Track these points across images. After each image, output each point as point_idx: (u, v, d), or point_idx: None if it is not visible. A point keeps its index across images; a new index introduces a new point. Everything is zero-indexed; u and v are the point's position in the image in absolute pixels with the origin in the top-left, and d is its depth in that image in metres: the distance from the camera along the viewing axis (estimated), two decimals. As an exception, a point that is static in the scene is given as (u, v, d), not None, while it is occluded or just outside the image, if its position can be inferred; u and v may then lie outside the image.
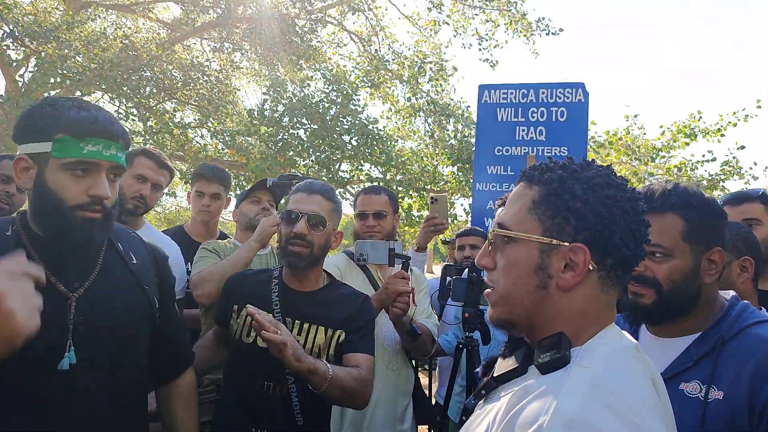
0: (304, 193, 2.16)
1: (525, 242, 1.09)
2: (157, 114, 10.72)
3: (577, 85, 4.32)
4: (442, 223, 3.22)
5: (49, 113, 1.48)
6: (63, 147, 1.46)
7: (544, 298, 1.08)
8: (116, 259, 1.68)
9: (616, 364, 1.01)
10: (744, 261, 1.96)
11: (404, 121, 12.75)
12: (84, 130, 1.47)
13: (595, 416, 0.90)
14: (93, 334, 1.52)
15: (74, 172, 1.47)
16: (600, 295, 1.07)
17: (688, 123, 10.47)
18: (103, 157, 1.49)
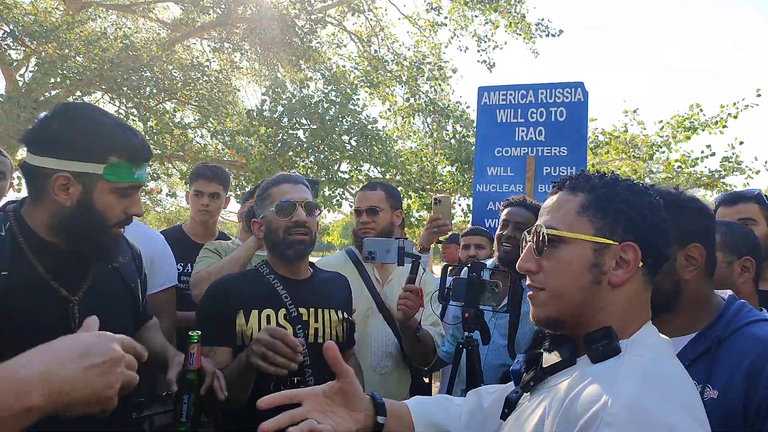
0: (289, 183, 2.17)
1: (578, 242, 1.18)
2: (157, 114, 10.72)
3: (576, 85, 4.31)
4: (445, 224, 3.21)
5: (97, 133, 1.50)
6: (118, 172, 1.52)
7: (596, 293, 1.17)
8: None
9: (663, 355, 1.13)
10: (745, 261, 1.95)
11: (403, 121, 12.74)
12: (137, 155, 1.56)
13: (654, 403, 0.98)
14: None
15: (122, 194, 1.55)
16: (643, 291, 1.19)
17: (688, 116, 10.39)
18: (143, 179, 1.60)
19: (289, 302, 2.07)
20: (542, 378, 1.20)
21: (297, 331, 2.03)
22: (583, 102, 4.27)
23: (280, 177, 2.21)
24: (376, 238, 2.61)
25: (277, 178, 2.21)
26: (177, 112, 11.94)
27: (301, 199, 2.11)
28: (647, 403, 0.98)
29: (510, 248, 3.04)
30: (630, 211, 1.16)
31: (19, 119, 9.22)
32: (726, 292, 1.62)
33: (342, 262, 2.92)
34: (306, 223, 2.10)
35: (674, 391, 1.03)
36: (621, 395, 0.98)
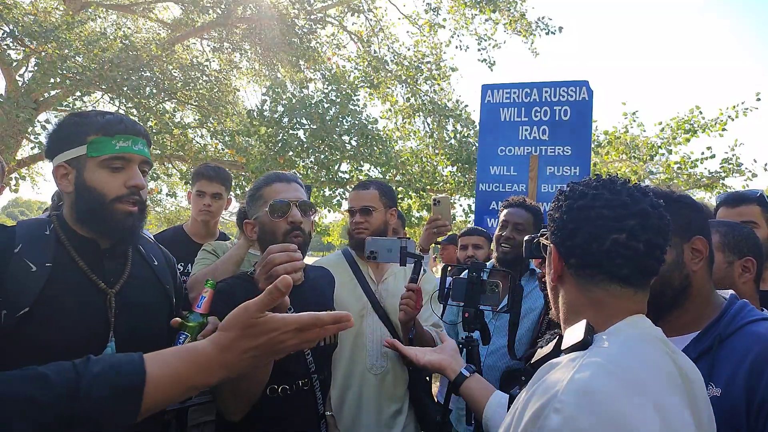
0: (282, 182, 2.06)
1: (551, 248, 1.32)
2: (157, 114, 10.69)
3: (581, 83, 4.30)
4: (445, 225, 3.20)
5: (78, 122, 1.66)
6: (97, 146, 1.63)
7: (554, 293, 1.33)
8: (141, 260, 1.83)
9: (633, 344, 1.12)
10: (746, 261, 1.96)
11: (404, 121, 12.72)
12: (114, 128, 1.65)
13: (607, 389, 0.99)
14: (130, 327, 1.65)
15: (111, 168, 1.64)
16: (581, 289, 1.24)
17: (688, 118, 10.41)
18: (134, 151, 1.67)
19: (291, 310, 2.02)
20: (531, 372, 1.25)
21: None
22: (587, 101, 4.25)
23: (272, 176, 2.10)
24: (378, 238, 2.57)
25: (269, 177, 2.10)
26: (177, 112, 11.92)
27: (295, 198, 2.02)
28: (600, 389, 0.99)
29: (509, 249, 3.02)
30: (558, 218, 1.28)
31: (18, 119, 9.20)
32: (727, 292, 1.63)
33: (337, 262, 2.90)
34: (301, 224, 2.00)
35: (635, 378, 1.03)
36: (573, 382, 1.01)
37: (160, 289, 1.83)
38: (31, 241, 1.59)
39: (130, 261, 1.76)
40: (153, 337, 1.67)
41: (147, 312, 1.74)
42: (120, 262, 1.74)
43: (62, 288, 1.55)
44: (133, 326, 1.66)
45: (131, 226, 1.67)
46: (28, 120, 9.51)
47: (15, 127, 9.29)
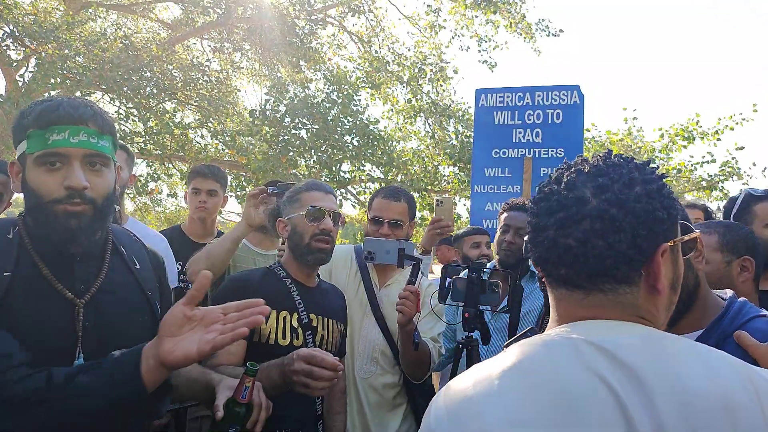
0: (321, 192, 2.25)
1: None
2: (158, 114, 10.72)
3: (572, 88, 4.35)
4: (447, 226, 3.20)
5: (23, 113, 1.45)
6: (33, 142, 1.41)
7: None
8: (120, 264, 1.63)
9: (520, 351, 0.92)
10: (744, 261, 1.97)
11: (405, 121, 12.74)
12: (46, 119, 1.40)
13: (436, 397, 0.95)
14: (100, 339, 1.48)
15: (46, 166, 1.42)
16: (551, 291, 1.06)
17: (686, 126, 10.51)
18: (71, 144, 1.41)
19: (302, 308, 2.13)
20: None
21: (306, 337, 2.09)
22: (579, 105, 4.30)
23: (312, 184, 2.30)
24: (377, 238, 2.60)
25: (309, 184, 2.30)
26: (177, 112, 11.95)
27: (330, 209, 2.21)
28: (436, 398, 0.96)
29: (511, 253, 3.03)
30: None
31: (18, 119, 9.22)
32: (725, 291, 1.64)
33: (345, 257, 2.89)
34: (331, 232, 2.19)
35: (457, 385, 0.93)
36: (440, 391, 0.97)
37: (139, 296, 1.64)
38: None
39: (106, 265, 1.56)
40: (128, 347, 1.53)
41: (122, 323, 1.55)
42: (93, 268, 1.54)
43: (23, 299, 1.40)
44: (105, 339, 1.47)
45: (78, 229, 1.43)
46: (29, 120, 9.53)
47: (15, 127, 9.31)
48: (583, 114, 4.30)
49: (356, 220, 14.52)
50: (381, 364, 2.73)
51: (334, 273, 2.79)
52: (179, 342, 1.24)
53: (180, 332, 1.26)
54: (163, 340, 1.26)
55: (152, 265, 1.75)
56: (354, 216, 14.44)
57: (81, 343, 1.44)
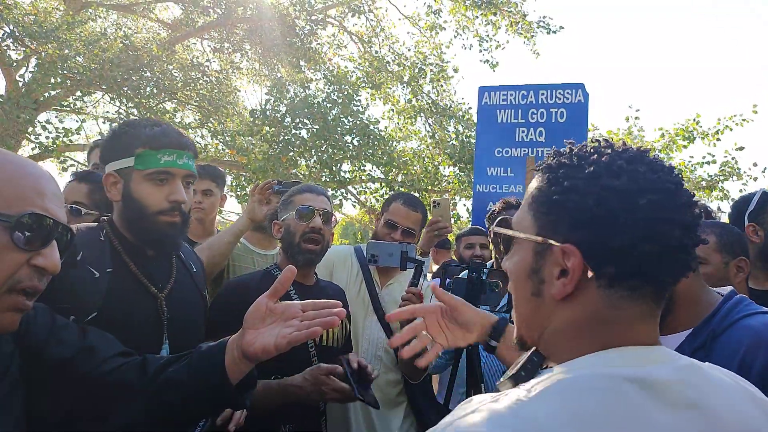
0: (312, 193, 2.34)
1: (522, 242, 0.93)
2: (158, 114, 10.71)
3: (576, 86, 4.32)
4: (445, 227, 3.19)
5: (129, 132, 1.71)
6: (144, 160, 1.68)
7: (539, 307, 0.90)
8: (183, 267, 1.90)
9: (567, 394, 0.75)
10: (740, 261, 2.03)
11: (405, 121, 12.73)
12: (160, 142, 1.68)
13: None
14: (180, 329, 1.74)
15: (155, 182, 1.69)
16: (603, 309, 0.83)
17: (686, 126, 10.53)
18: (177, 165, 1.71)
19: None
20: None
21: None
22: (583, 103, 4.28)
23: (305, 187, 2.39)
24: (379, 241, 2.64)
25: (302, 187, 2.39)
26: (177, 112, 11.94)
27: (320, 208, 2.29)
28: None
29: None
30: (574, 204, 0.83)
31: (19, 119, 9.23)
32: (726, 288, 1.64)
33: (346, 257, 2.91)
34: (321, 230, 2.25)
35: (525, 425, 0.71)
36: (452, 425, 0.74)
37: (197, 294, 1.91)
38: (90, 247, 1.65)
39: (174, 267, 1.84)
40: (197, 339, 1.76)
41: (192, 316, 1.83)
42: (166, 268, 1.81)
43: (121, 292, 1.63)
44: (182, 328, 1.75)
45: (173, 236, 1.73)
46: (29, 120, 9.54)
47: (15, 127, 9.32)
48: (588, 113, 4.28)
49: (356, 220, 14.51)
50: (384, 362, 2.75)
51: (335, 274, 2.81)
52: (259, 335, 1.31)
53: (262, 325, 1.33)
54: (246, 332, 1.32)
55: (200, 266, 2.03)
56: (354, 216, 14.43)
57: (166, 330, 1.69)
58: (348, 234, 18.68)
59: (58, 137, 9.98)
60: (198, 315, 1.88)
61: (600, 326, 0.84)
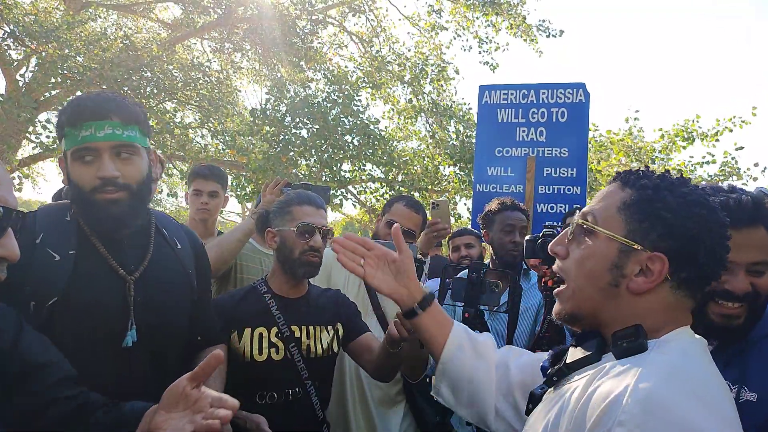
0: (312, 206, 2.24)
1: (606, 239, 1.12)
2: (158, 114, 10.71)
3: (577, 86, 4.31)
4: (444, 228, 3.19)
5: (60, 111, 1.60)
6: (68, 140, 1.56)
7: (614, 296, 1.11)
8: (164, 244, 1.77)
9: (693, 355, 1.05)
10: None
11: (405, 122, 12.74)
12: (77, 118, 1.54)
13: (675, 399, 0.91)
14: (150, 314, 1.63)
15: (82, 161, 1.55)
16: (671, 302, 1.09)
17: (686, 127, 10.55)
18: (97, 138, 1.53)
19: (282, 321, 2.15)
20: (566, 373, 1.16)
21: (290, 349, 2.11)
22: (584, 103, 4.26)
23: (304, 198, 2.27)
24: (381, 242, 2.59)
25: (301, 197, 2.27)
26: (177, 112, 11.94)
27: (321, 225, 2.21)
28: (667, 400, 0.91)
29: (518, 254, 3.01)
30: (671, 220, 1.07)
31: (19, 119, 9.23)
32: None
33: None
34: (320, 248, 2.19)
35: (701, 389, 0.96)
36: (638, 391, 0.92)
37: (181, 273, 1.78)
38: (52, 229, 1.58)
39: (152, 246, 1.72)
40: (175, 322, 1.73)
41: (167, 298, 1.70)
42: (141, 247, 1.69)
43: (86, 276, 1.56)
44: (153, 313, 1.64)
45: (119, 213, 1.57)
46: (29, 120, 9.54)
47: (16, 126, 9.32)
48: (589, 113, 4.26)
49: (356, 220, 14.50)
50: None
51: (333, 275, 2.80)
52: (170, 420, 1.25)
53: (176, 408, 1.25)
54: (159, 412, 1.25)
55: (190, 245, 1.89)
56: (354, 216, 14.42)
57: (132, 316, 1.59)
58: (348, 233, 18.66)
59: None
60: (179, 295, 1.75)
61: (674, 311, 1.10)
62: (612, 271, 1.10)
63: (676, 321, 1.10)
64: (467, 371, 1.47)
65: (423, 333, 1.55)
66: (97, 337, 1.53)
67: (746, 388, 1.38)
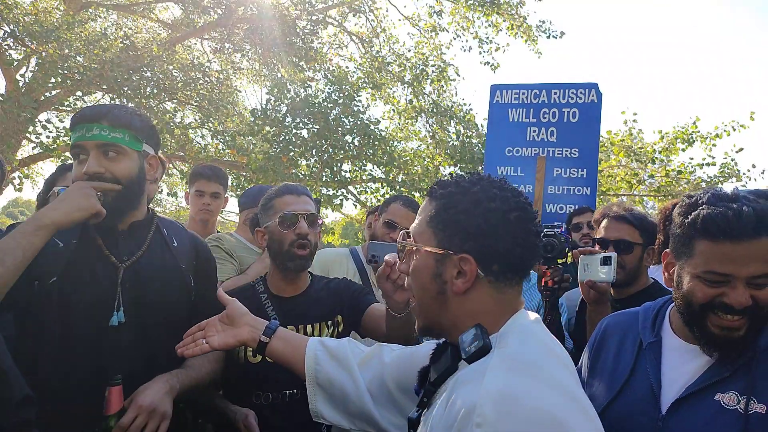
0: (292, 195, 2.19)
1: (424, 252, 1.23)
2: (158, 114, 10.67)
3: (590, 86, 4.29)
4: None
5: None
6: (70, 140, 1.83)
7: (445, 302, 1.21)
8: (161, 241, 1.97)
9: (529, 338, 1.15)
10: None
11: (406, 122, 12.72)
12: (74, 122, 1.79)
13: (521, 387, 1.00)
14: (137, 299, 1.82)
15: (76, 159, 1.81)
16: (496, 294, 1.20)
17: (685, 129, 10.60)
18: (85, 138, 1.76)
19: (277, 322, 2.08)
20: (433, 391, 1.22)
21: None
22: (596, 103, 4.25)
23: (283, 188, 2.24)
24: (380, 242, 2.62)
25: (280, 189, 2.24)
26: (177, 112, 11.90)
27: (304, 211, 2.15)
28: (515, 393, 0.99)
29: None
30: (465, 222, 1.17)
31: (19, 119, 9.19)
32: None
33: (342, 259, 2.93)
34: (308, 235, 2.13)
35: (541, 372, 1.05)
36: (488, 392, 0.99)
37: (174, 268, 1.95)
38: None
39: (148, 241, 1.92)
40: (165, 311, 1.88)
41: (157, 287, 1.88)
42: (136, 242, 1.90)
43: (83, 261, 1.78)
44: (140, 299, 1.83)
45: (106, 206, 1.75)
46: (29, 119, 9.49)
47: (16, 126, 9.28)
48: (601, 113, 4.25)
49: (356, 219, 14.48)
50: None
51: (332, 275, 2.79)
52: None
53: None
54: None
55: (190, 244, 2.07)
56: (354, 216, 14.40)
57: (120, 299, 1.78)
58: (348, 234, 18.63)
59: (59, 137, 9.92)
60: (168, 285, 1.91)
61: (503, 304, 1.21)
62: (436, 280, 1.21)
63: (510, 310, 1.21)
64: (336, 381, 1.54)
65: (280, 358, 1.62)
66: (87, 314, 1.74)
67: (755, 399, 1.34)
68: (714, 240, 1.34)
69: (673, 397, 1.43)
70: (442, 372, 1.21)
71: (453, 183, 1.24)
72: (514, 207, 1.18)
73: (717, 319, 1.37)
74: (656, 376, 1.48)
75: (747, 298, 1.32)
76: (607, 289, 2.33)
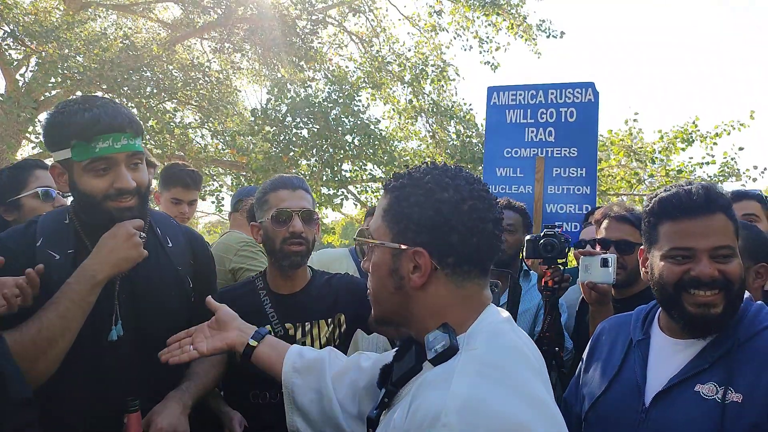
0: (287, 189, 2.10)
1: (380, 248, 1.21)
2: (158, 114, 10.68)
3: (587, 85, 4.29)
4: None
5: (63, 122, 1.63)
6: (79, 151, 1.62)
7: (404, 297, 1.19)
8: (155, 243, 1.86)
9: (498, 339, 1.12)
10: (760, 268, 2.00)
11: (406, 122, 12.72)
12: (92, 130, 1.61)
13: (488, 394, 0.98)
14: (136, 310, 1.75)
15: (96, 171, 1.64)
16: (454, 288, 1.16)
17: (685, 129, 10.60)
18: (115, 150, 1.63)
19: (276, 320, 2.07)
20: (395, 391, 1.20)
21: None
22: (593, 102, 4.25)
23: (278, 182, 2.14)
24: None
25: (275, 182, 2.14)
26: (177, 112, 11.90)
27: (298, 208, 2.06)
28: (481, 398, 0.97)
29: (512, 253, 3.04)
30: (416, 215, 1.15)
31: (19, 119, 9.19)
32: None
33: (341, 259, 2.94)
34: (302, 233, 2.04)
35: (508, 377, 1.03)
36: (454, 399, 0.97)
37: (171, 271, 1.87)
38: (51, 232, 1.71)
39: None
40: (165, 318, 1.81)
41: (155, 295, 1.80)
42: None
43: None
44: (138, 311, 1.76)
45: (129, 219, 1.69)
46: (29, 119, 9.50)
47: (16, 126, 9.28)
48: (598, 112, 4.25)
49: (356, 219, 14.49)
50: None
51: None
52: None
53: None
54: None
55: (186, 242, 1.97)
56: (354, 216, 14.41)
57: (118, 313, 1.71)
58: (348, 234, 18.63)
59: (58, 137, 9.93)
60: (166, 292, 1.84)
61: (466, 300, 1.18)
62: (393, 276, 1.19)
63: (476, 305, 1.18)
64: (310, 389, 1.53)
65: (264, 363, 1.61)
66: (85, 330, 1.62)
67: (732, 389, 1.39)
68: (673, 219, 1.47)
69: (656, 390, 1.50)
70: (405, 372, 1.19)
71: (406, 175, 1.22)
72: (468, 196, 1.15)
73: (691, 297, 1.45)
74: (642, 370, 1.56)
75: (713, 269, 1.42)
76: (608, 290, 2.32)
